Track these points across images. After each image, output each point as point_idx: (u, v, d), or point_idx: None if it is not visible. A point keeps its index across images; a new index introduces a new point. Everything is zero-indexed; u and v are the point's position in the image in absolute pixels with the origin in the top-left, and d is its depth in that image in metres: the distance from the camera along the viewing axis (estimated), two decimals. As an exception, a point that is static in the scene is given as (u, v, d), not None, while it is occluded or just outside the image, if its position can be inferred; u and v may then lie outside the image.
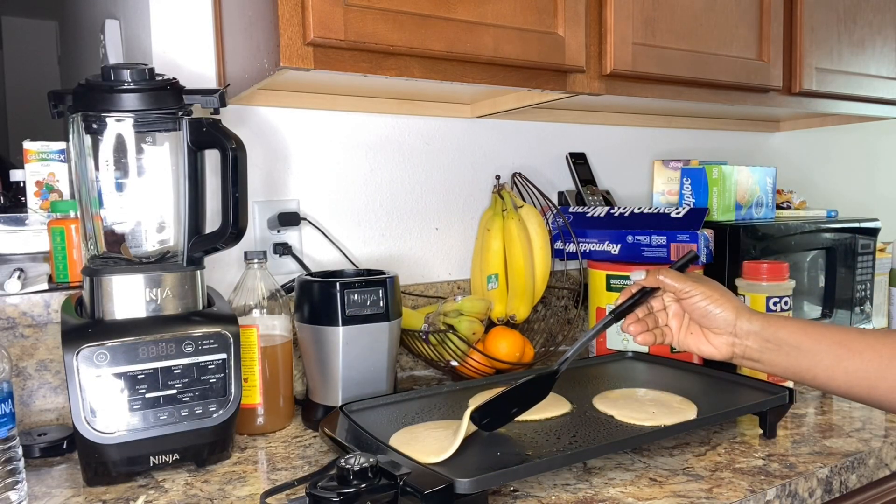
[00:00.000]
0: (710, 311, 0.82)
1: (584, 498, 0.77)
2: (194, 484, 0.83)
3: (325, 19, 0.89)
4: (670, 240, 1.26)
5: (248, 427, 1.00)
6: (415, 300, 1.36)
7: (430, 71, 1.00)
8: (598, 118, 1.62)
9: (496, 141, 1.50)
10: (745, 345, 0.82)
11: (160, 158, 0.91)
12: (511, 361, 1.21)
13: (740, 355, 0.83)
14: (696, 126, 1.82)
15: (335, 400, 1.01)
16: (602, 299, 1.30)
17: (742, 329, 0.82)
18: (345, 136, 1.31)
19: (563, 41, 1.10)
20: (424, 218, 1.41)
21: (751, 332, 0.81)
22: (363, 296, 1.00)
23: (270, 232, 1.23)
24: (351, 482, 0.67)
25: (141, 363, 0.83)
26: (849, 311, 1.48)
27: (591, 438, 0.84)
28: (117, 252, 0.91)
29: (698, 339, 0.85)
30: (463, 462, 0.77)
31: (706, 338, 0.85)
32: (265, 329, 1.02)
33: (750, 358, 0.82)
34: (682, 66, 1.25)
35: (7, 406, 0.74)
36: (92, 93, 0.86)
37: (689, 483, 0.80)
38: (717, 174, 1.40)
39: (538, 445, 0.82)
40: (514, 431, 0.86)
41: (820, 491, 0.85)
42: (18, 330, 1.04)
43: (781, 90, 1.44)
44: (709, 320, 0.83)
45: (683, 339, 0.86)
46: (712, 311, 0.82)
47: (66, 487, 0.83)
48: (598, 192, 1.57)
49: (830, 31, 1.49)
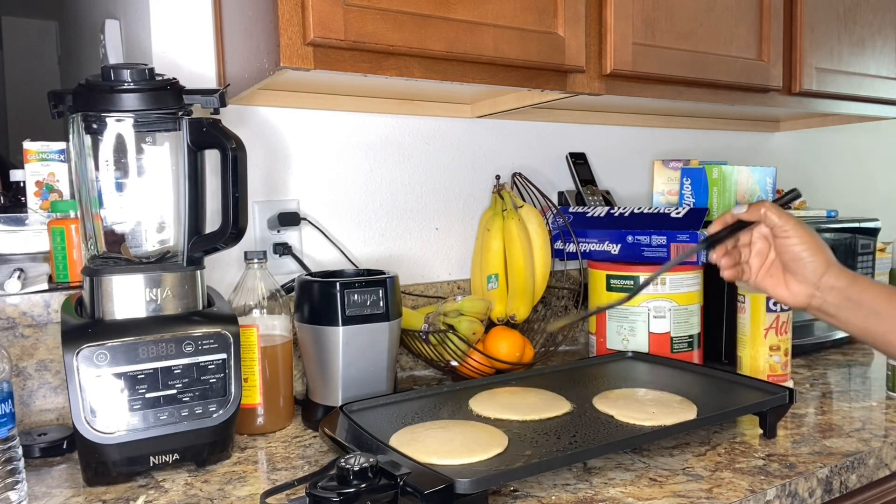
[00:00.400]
0: (803, 256, 0.80)
1: (584, 498, 0.77)
2: (194, 484, 0.83)
3: (325, 19, 0.89)
4: (670, 240, 1.26)
5: (248, 427, 1.00)
6: (415, 300, 1.36)
7: (430, 71, 1.00)
8: (598, 118, 1.62)
9: (496, 141, 1.50)
10: (825, 298, 0.81)
11: (160, 158, 0.91)
12: (511, 361, 1.21)
13: (816, 307, 0.82)
14: (696, 126, 1.82)
15: (335, 400, 1.01)
16: (602, 299, 1.30)
17: (827, 283, 0.80)
18: (345, 136, 1.31)
19: (563, 41, 1.10)
20: (424, 218, 1.41)
21: (835, 287, 0.80)
22: (363, 296, 1.00)
23: (270, 232, 1.24)
24: (351, 482, 0.67)
25: (141, 363, 0.83)
26: (849, 311, 1.48)
27: (591, 438, 0.84)
28: (117, 252, 0.91)
29: (777, 281, 0.84)
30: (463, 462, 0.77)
31: (786, 283, 0.83)
32: (265, 329, 1.02)
33: (826, 312, 0.82)
34: (682, 66, 1.25)
35: (7, 406, 0.74)
36: (92, 93, 0.86)
37: (689, 483, 0.80)
38: (717, 174, 1.40)
39: (538, 445, 0.82)
40: (514, 431, 0.86)
41: (820, 491, 0.85)
42: (18, 330, 1.04)
43: (781, 90, 1.44)
44: (798, 265, 0.81)
45: (762, 280, 0.84)
46: (805, 257, 0.80)
47: (66, 487, 0.83)
48: (598, 192, 1.57)
49: (830, 31, 1.49)
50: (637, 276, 1.25)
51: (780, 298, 0.84)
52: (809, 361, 1.37)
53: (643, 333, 1.25)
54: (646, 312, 1.25)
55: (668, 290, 1.24)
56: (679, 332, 1.24)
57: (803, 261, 0.81)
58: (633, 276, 1.25)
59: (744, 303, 1.15)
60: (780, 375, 1.14)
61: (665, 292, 1.24)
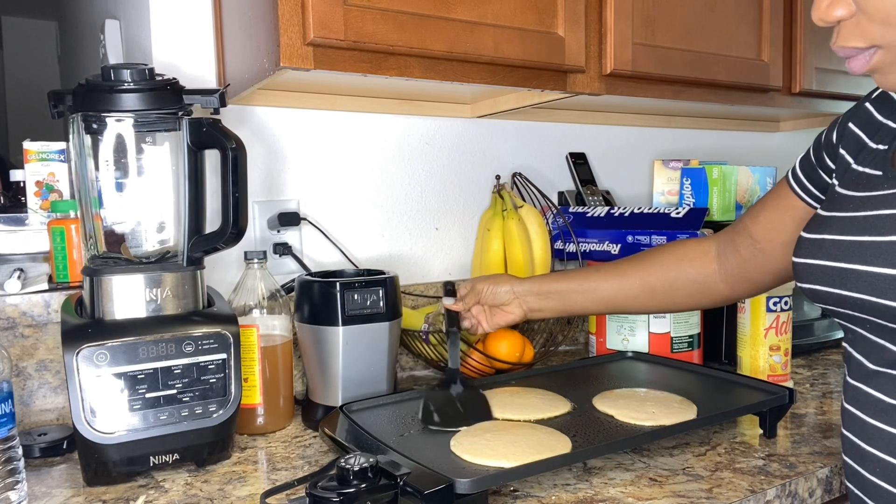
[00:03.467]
0: (494, 292, 1.03)
1: (584, 498, 0.77)
2: (194, 484, 0.83)
3: (325, 19, 0.89)
4: (670, 240, 1.26)
5: (248, 427, 1.00)
6: (415, 300, 1.36)
7: (431, 71, 1.00)
8: (598, 118, 1.62)
9: (496, 141, 1.50)
10: (527, 302, 1.03)
11: (160, 158, 0.91)
12: (511, 361, 1.21)
13: (528, 309, 1.03)
14: (696, 126, 1.82)
15: (335, 400, 1.01)
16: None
17: (519, 291, 1.02)
18: (345, 136, 1.31)
19: (563, 41, 1.10)
20: (424, 218, 1.41)
21: (526, 291, 1.02)
22: (363, 296, 1.00)
23: (270, 232, 1.23)
24: (351, 482, 0.67)
25: (141, 363, 0.83)
26: (849, 311, 1.48)
27: (591, 438, 0.84)
28: (117, 252, 0.91)
29: (499, 314, 1.04)
30: (463, 462, 0.77)
31: (504, 312, 1.04)
32: (265, 329, 1.02)
33: (536, 309, 1.03)
34: (682, 66, 1.25)
35: (7, 406, 0.74)
36: (92, 93, 0.86)
37: (689, 483, 0.80)
38: (717, 174, 1.40)
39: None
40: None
41: (820, 491, 0.85)
42: (18, 330, 1.04)
43: (781, 90, 1.44)
44: (497, 298, 1.03)
45: (491, 321, 1.05)
46: (495, 291, 1.03)
47: (66, 487, 0.83)
48: (598, 192, 1.57)
49: (830, 30, 1.49)
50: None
51: (510, 322, 1.04)
52: (809, 361, 1.37)
53: (643, 333, 1.25)
54: (646, 312, 1.25)
55: (668, 290, 1.24)
56: (679, 332, 1.24)
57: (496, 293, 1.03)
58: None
59: (744, 303, 1.15)
60: (780, 375, 1.14)
61: (665, 292, 1.24)
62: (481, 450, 0.79)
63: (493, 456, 0.77)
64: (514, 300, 1.03)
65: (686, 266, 0.96)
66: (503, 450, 0.78)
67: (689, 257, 0.96)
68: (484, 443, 0.81)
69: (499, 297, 1.03)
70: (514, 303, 1.03)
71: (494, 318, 1.05)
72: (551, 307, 1.03)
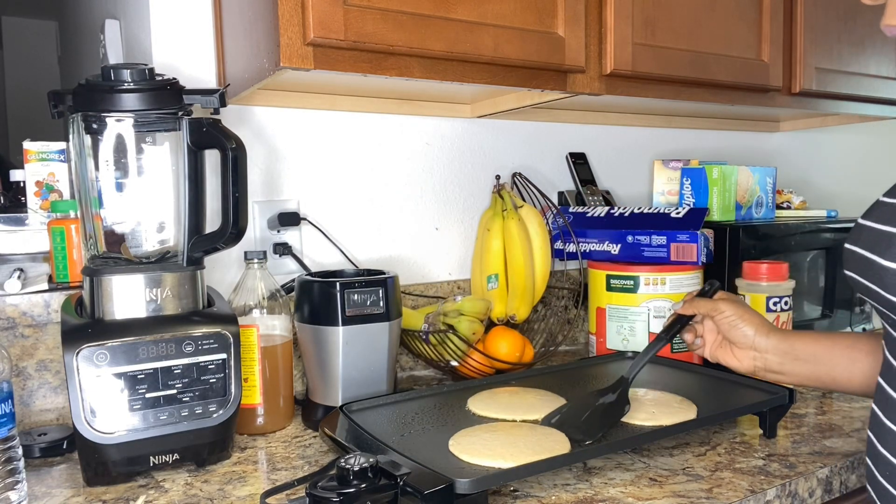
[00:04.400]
0: (735, 323, 0.91)
1: (584, 498, 0.77)
2: (194, 484, 0.83)
3: (325, 19, 0.89)
4: (670, 240, 1.26)
5: (248, 427, 1.00)
6: (415, 300, 1.36)
7: (430, 71, 1.00)
8: (598, 118, 1.62)
9: (496, 141, 1.50)
10: (766, 358, 0.90)
11: (160, 158, 0.91)
12: (511, 361, 1.21)
13: (762, 368, 0.91)
14: (696, 126, 1.82)
15: (335, 400, 1.01)
16: (602, 299, 1.30)
17: (761, 344, 0.90)
18: (345, 136, 1.31)
19: (563, 41, 1.10)
20: (424, 218, 1.41)
21: (769, 347, 0.89)
22: (363, 296, 1.00)
23: (270, 232, 1.24)
24: (351, 482, 0.67)
25: (141, 363, 0.83)
26: (848, 311, 1.48)
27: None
28: (117, 252, 0.91)
29: (726, 352, 0.94)
30: (461, 462, 0.77)
31: (732, 352, 0.93)
32: (265, 329, 1.02)
33: (772, 370, 0.90)
34: (682, 66, 1.25)
35: (7, 406, 0.74)
36: (92, 93, 0.86)
37: (689, 483, 0.80)
38: (717, 174, 1.40)
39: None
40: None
41: (820, 491, 0.85)
42: (18, 330, 1.04)
43: (781, 90, 1.44)
44: (734, 333, 0.92)
45: (715, 351, 0.95)
46: (737, 323, 0.91)
47: (66, 487, 0.83)
48: (598, 192, 1.57)
49: (830, 30, 1.49)
50: (637, 276, 1.25)
51: (733, 366, 0.94)
52: (809, 361, 1.37)
53: (643, 333, 1.25)
54: (646, 312, 1.25)
55: (667, 289, 1.24)
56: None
57: (737, 328, 0.91)
58: (633, 275, 1.25)
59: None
60: (780, 375, 1.13)
61: (665, 292, 1.24)
62: (479, 450, 0.79)
63: (491, 456, 0.77)
64: (750, 349, 0.91)
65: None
66: (500, 450, 0.78)
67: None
68: (482, 443, 0.81)
69: (735, 334, 0.91)
70: (748, 352, 0.91)
71: (717, 350, 0.94)
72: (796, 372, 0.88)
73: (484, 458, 0.77)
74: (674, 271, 1.24)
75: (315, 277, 1.04)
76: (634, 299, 1.25)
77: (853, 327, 1.49)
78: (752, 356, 0.91)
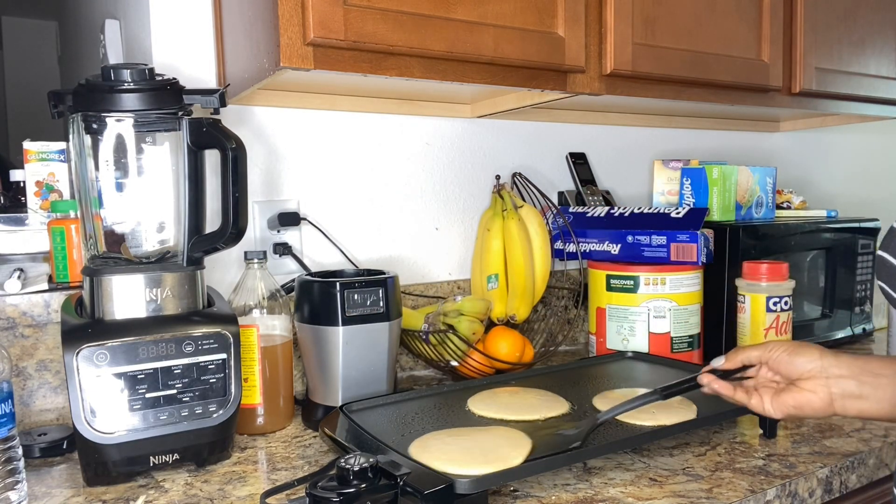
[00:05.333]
0: (796, 353, 0.79)
1: (584, 498, 0.77)
2: (194, 484, 0.83)
3: (325, 19, 0.89)
4: (670, 240, 1.26)
5: (248, 427, 1.00)
6: (415, 300, 1.36)
7: (430, 71, 1.00)
8: (598, 118, 1.62)
9: (496, 141, 1.50)
10: (841, 383, 0.76)
11: (160, 158, 0.91)
12: (511, 361, 1.21)
13: (839, 394, 0.76)
14: (696, 126, 1.82)
15: (335, 400, 1.01)
16: (602, 299, 1.30)
17: (831, 368, 0.77)
18: (344, 137, 1.31)
19: (563, 41, 1.10)
20: (424, 218, 1.41)
21: (841, 369, 0.77)
22: (363, 296, 1.00)
23: (270, 232, 1.24)
24: (351, 482, 0.67)
25: (141, 363, 0.83)
26: (849, 311, 1.48)
27: (592, 438, 0.84)
28: (117, 252, 0.91)
29: (793, 393, 0.79)
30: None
31: (802, 391, 0.78)
32: (265, 329, 1.02)
33: (852, 394, 0.76)
34: (682, 66, 1.25)
35: (7, 406, 0.74)
36: (92, 93, 0.86)
37: (689, 483, 0.80)
38: (717, 174, 1.40)
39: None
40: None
41: (820, 491, 0.85)
42: (18, 330, 1.04)
43: (781, 90, 1.44)
44: (796, 366, 0.79)
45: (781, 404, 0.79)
46: (797, 352, 0.79)
47: (66, 487, 0.83)
48: (598, 192, 1.57)
49: (830, 30, 1.49)
50: (637, 276, 1.25)
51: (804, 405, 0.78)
52: (809, 361, 1.37)
53: (643, 333, 1.25)
54: (646, 312, 1.25)
55: (667, 290, 1.24)
56: (679, 332, 1.24)
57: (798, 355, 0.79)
58: (633, 275, 1.25)
59: (744, 303, 1.15)
60: (780, 375, 1.13)
61: (665, 292, 1.24)
62: (435, 454, 0.77)
63: (445, 461, 0.75)
64: (818, 377, 0.77)
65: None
66: (455, 455, 0.77)
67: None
68: (440, 446, 0.80)
69: (799, 363, 0.78)
70: (817, 380, 0.77)
71: (783, 397, 0.79)
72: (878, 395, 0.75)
73: (440, 462, 0.75)
74: (674, 271, 1.24)
75: (315, 277, 1.04)
76: (634, 299, 1.25)
77: (853, 328, 1.49)
78: (826, 384, 0.77)
